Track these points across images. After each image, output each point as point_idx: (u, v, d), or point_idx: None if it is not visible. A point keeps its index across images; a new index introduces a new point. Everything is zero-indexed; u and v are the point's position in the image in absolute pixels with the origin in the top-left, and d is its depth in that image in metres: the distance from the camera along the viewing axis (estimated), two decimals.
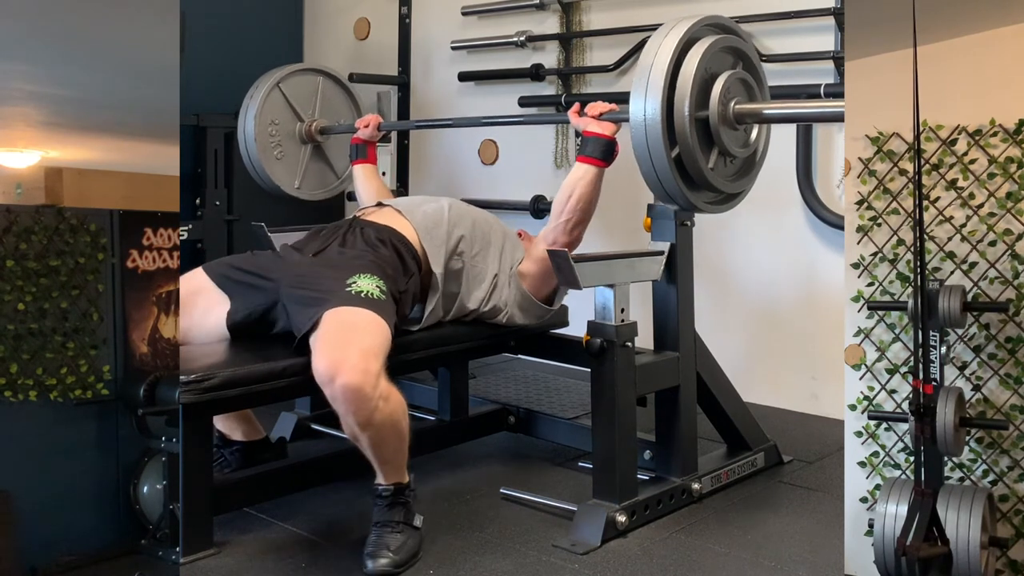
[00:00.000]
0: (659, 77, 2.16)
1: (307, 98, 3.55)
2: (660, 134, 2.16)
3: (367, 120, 3.25)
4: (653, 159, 2.19)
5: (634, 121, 2.19)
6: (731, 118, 2.28)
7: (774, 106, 2.36)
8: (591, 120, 2.51)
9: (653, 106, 2.16)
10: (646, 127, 2.17)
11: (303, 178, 3.49)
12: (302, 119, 3.51)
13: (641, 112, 2.17)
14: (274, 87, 3.43)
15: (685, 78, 2.18)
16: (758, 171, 2.50)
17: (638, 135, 2.19)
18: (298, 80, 3.53)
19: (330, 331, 2.11)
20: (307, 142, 3.53)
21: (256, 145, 3.38)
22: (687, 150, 2.20)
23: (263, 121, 3.39)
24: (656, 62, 2.19)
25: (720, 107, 2.24)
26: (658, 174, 2.21)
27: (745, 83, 2.33)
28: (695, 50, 2.22)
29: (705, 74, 2.22)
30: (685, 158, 2.23)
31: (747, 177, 2.47)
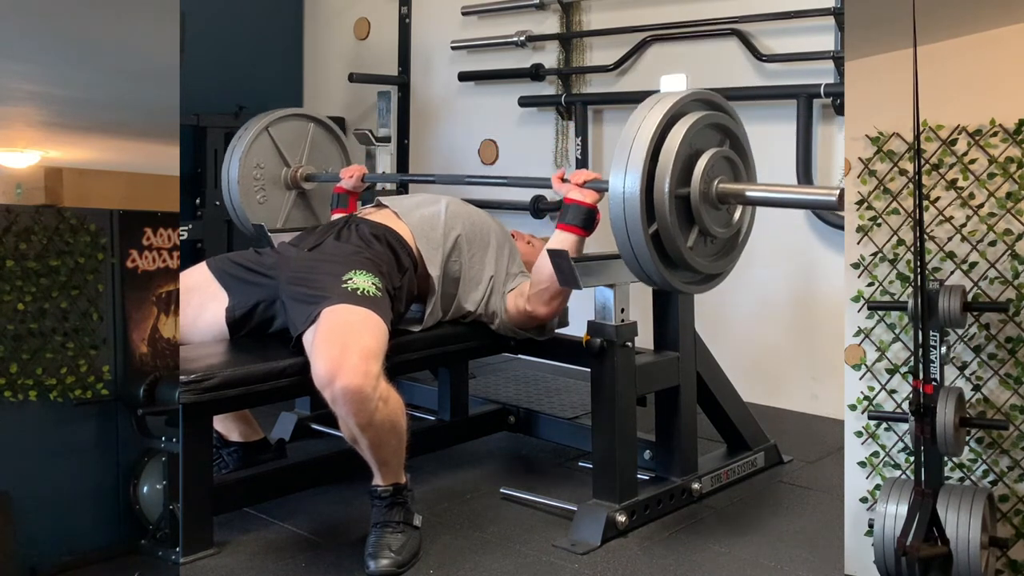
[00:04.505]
0: (641, 152, 2.05)
1: (296, 143, 3.42)
2: (638, 210, 2.04)
3: (352, 171, 3.13)
4: (630, 235, 2.07)
5: (613, 195, 2.08)
6: (713, 197, 2.15)
7: (758, 188, 2.22)
8: (573, 187, 2.42)
9: (632, 181, 2.04)
10: (624, 202, 2.05)
11: (285, 224, 3.36)
12: (288, 164, 3.39)
13: (620, 186, 2.06)
14: (263, 131, 3.32)
15: (667, 154, 2.07)
16: (740, 251, 2.36)
17: (616, 209, 2.07)
18: (289, 125, 3.40)
19: (328, 332, 2.10)
20: (292, 188, 3.40)
21: (239, 188, 3.25)
22: (665, 228, 2.08)
23: (248, 164, 3.27)
24: (639, 136, 2.07)
25: (702, 185, 2.12)
26: (634, 251, 2.09)
27: (730, 161, 2.22)
28: (680, 125, 2.10)
29: (689, 151, 2.10)
30: (663, 236, 2.10)
31: (728, 257, 2.32)
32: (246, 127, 3.33)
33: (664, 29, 3.73)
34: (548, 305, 2.53)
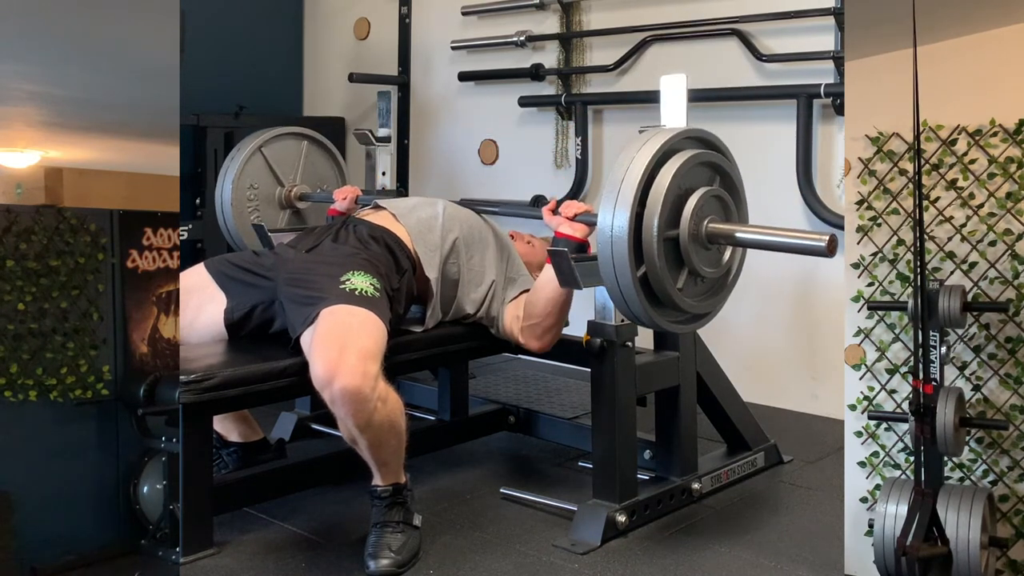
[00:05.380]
0: (629, 191, 2.02)
1: (290, 161, 3.38)
2: (626, 252, 2.01)
3: (345, 192, 3.07)
4: (618, 276, 2.04)
5: (601, 235, 2.05)
6: (703, 238, 2.12)
7: (748, 229, 2.17)
8: (563, 220, 2.40)
9: (621, 221, 2.01)
10: (612, 242, 2.02)
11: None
12: (282, 183, 3.35)
13: (608, 228, 2.03)
14: (256, 151, 3.28)
15: (657, 193, 2.04)
16: (729, 292, 2.31)
17: (604, 249, 2.04)
18: (282, 144, 3.37)
19: (326, 333, 2.10)
20: (286, 207, 3.37)
21: (232, 210, 3.22)
22: (654, 270, 2.05)
23: (241, 185, 3.24)
24: (628, 174, 2.04)
25: (692, 226, 2.08)
26: (622, 292, 2.06)
27: (721, 200, 2.18)
28: (670, 164, 2.07)
29: (679, 190, 2.08)
30: (652, 278, 2.07)
31: (717, 297, 2.28)
32: (239, 148, 3.29)
33: (664, 29, 3.73)
34: (540, 340, 2.53)
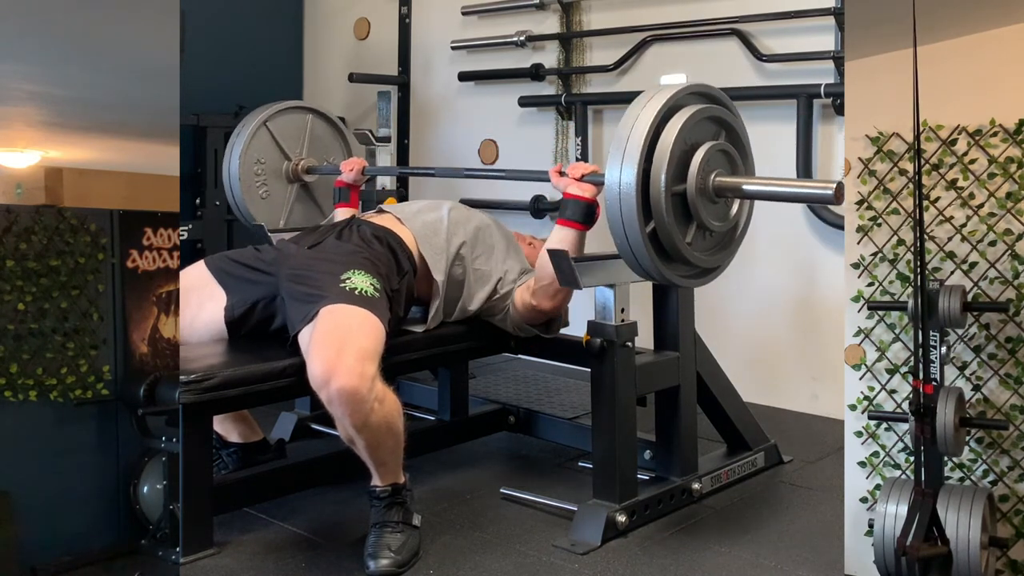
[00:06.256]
0: (636, 147, 2.03)
1: (295, 136, 3.41)
2: (634, 207, 2.02)
3: (351, 164, 3.11)
4: (627, 234, 2.05)
5: (609, 193, 2.06)
6: (710, 191, 2.13)
7: (755, 181, 2.18)
8: (571, 181, 2.41)
9: (628, 177, 2.02)
10: (620, 198, 2.03)
11: (288, 218, 3.36)
12: (289, 157, 3.37)
13: (616, 184, 2.04)
14: (261, 126, 3.30)
15: (663, 148, 2.04)
16: (738, 246, 2.33)
17: (612, 206, 2.05)
18: (287, 118, 3.39)
19: (325, 332, 2.10)
20: (293, 181, 3.39)
21: (240, 185, 3.24)
22: (663, 225, 2.06)
23: (248, 160, 3.26)
24: (634, 131, 2.05)
25: (699, 180, 2.09)
26: (632, 248, 2.07)
27: (727, 155, 2.19)
28: (676, 119, 2.08)
29: (685, 145, 2.08)
30: (661, 233, 2.08)
31: (726, 251, 2.29)
32: (244, 123, 3.33)
33: (664, 29, 3.73)
34: (553, 299, 2.53)
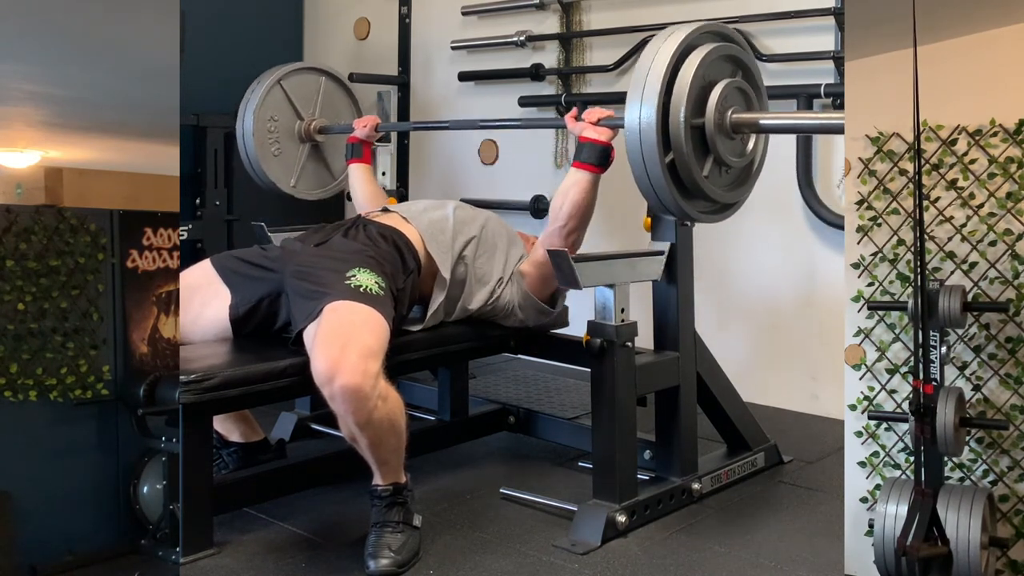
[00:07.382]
0: (655, 83, 2.12)
1: (308, 97, 3.52)
2: (654, 140, 2.11)
3: (365, 120, 3.24)
4: (647, 165, 2.13)
5: (629, 126, 2.15)
6: (727, 127, 2.22)
7: (771, 116, 2.31)
8: (587, 125, 2.47)
9: (648, 112, 2.11)
10: (640, 133, 2.12)
11: (299, 177, 3.46)
12: (302, 117, 3.48)
13: (636, 118, 2.13)
14: (275, 84, 3.40)
15: (682, 85, 2.14)
16: (755, 181, 2.44)
17: (632, 140, 2.14)
18: (300, 79, 3.50)
19: (329, 330, 2.10)
20: (305, 141, 3.49)
21: (254, 140, 3.33)
22: (681, 157, 2.15)
23: (262, 116, 3.36)
24: (653, 68, 2.14)
25: (716, 115, 2.18)
26: (651, 180, 2.16)
27: (743, 92, 2.29)
28: (693, 57, 2.17)
29: (702, 81, 2.18)
30: (679, 165, 2.17)
31: (743, 187, 2.41)
32: (259, 80, 3.41)
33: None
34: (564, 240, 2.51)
